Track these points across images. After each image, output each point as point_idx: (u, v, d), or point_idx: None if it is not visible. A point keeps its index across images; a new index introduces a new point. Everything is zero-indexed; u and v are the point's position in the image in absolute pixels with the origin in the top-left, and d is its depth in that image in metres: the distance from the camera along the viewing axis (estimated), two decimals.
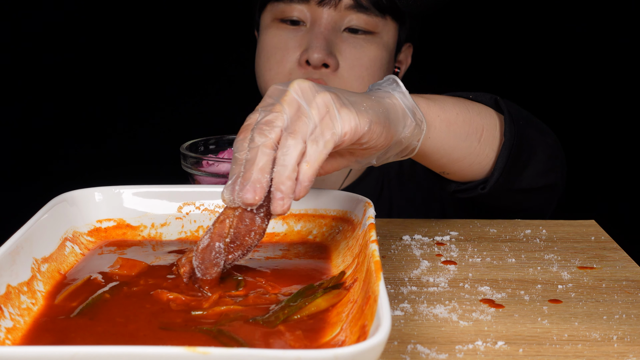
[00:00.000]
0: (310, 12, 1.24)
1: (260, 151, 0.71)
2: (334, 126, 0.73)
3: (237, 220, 0.73)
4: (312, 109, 0.73)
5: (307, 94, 0.74)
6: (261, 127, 0.72)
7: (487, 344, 0.71)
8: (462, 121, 0.96)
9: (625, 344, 0.71)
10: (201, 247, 0.73)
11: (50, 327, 0.65)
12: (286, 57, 1.25)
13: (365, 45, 1.24)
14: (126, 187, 0.89)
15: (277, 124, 0.72)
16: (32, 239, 0.73)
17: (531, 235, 1.01)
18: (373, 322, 0.58)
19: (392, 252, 0.95)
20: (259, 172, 0.71)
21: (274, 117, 0.73)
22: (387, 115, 0.80)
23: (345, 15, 1.24)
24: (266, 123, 0.72)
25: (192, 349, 0.51)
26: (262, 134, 0.72)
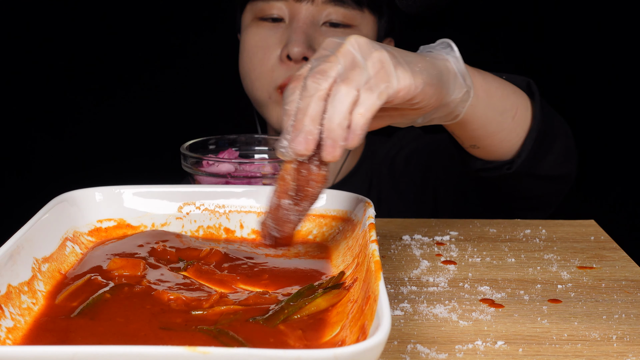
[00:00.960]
0: (289, 8, 1.25)
1: (313, 100, 0.70)
2: (390, 80, 0.73)
3: (295, 172, 0.73)
4: (367, 61, 0.72)
5: (363, 49, 0.73)
6: (315, 76, 0.71)
7: (487, 343, 0.71)
8: (500, 95, 0.97)
9: (625, 343, 0.71)
10: (272, 208, 0.74)
11: (51, 327, 0.65)
12: (268, 55, 1.27)
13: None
14: (126, 187, 0.89)
15: (331, 73, 0.71)
16: (32, 239, 0.73)
17: (531, 235, 1.01)
18: (373, 322, 0.58)
19: (392, 252, 0.95)
20: (310, 122, 0.70)
21: (328, 67, 0.71)
22: (440, 78, 0.81)
23: (323, 10, 1.25)
24: (320, 72, 0.71)
25: (192, 349, 0.51)
26: (315, 82, 0.70)
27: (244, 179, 0.95)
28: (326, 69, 0.71)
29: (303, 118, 0.70)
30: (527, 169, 1.03)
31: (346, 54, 0.72)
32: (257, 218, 0.89)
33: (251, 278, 0.76)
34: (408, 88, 0.75)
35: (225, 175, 0.95)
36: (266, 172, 0.95)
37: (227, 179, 0.95)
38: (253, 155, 1.06)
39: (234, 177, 0.95)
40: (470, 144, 1.02)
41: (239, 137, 1.06)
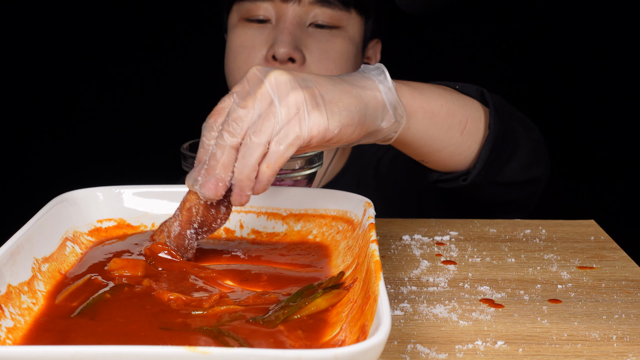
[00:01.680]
0: (275, 9, 1.25)
1: (226, 150, 0.74)
2: (301, 130, 0.75)
3: (202, 208, 0.78)
4: (282, 107, 0.75)
5: (281, 90, 0.75)
6: (230, 125, 0.75)
7: (487, 343, 0.71)
8: (445, 113, 0.96)
9: (625, 343, 0.71)
10: (174, 235, 0.78)
11: (51, 326, 0.65)
12: (253, 55, 1.26)
13: (331, 38, 1.25)
14: (126, 187, 0.89)
15: (245, 123, 0.75)
16: (32, 239, 0.73)
17: (531, 235, 1.01)
18: (373, 322, 0.58)
19: (392, 252, 0.95)
20: (222, 170, 0.75)
21: (244, 114, 0.75)
22: (364, 112, 0.81)
23: (309, 10, 1.25)
24: (236, 120, 0.75)
25: (192, 349, 0.51)
26: (230, 132, 0.74)
27: None
28: (242, 117, 0.75)
29: (215, 165, 0.75)
30: (486, 178, 1.03)
31: (264, 96, 0.75)
32: (257, 218, 0.89)
33: (251, 278, 0.76)
34: (323, 134, 0.76)
35: None
36: None
37: None
38: None
39: None
40: (418, 159, 1.02)
41: None
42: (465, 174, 1.02)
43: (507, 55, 2.34)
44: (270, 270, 0.79)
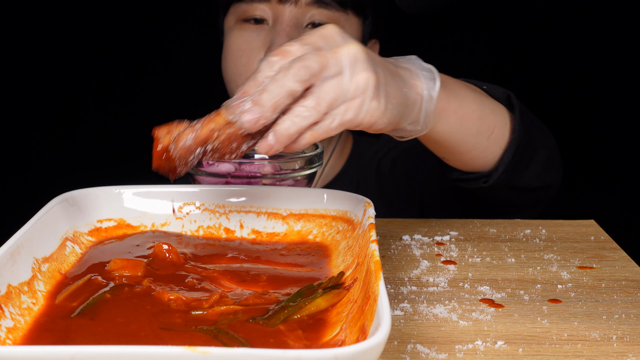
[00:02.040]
0: (272, 10, 1.25)
1: (284, 92, 0.70)
2: (357, 114, 0.73)
3: (225, 137, 0.72)
4: (351, 84, 0.72)
5: (356, 65, 0.73)
6: (299, 71, 0.70)
7: (487, 343, 0.71)
8: (476, 118, 0.96)
9: (625, 343, 0.71)
10: (182, 145, 0.72)
11: (51, 327, 0.65)
12: (251, 59, 1.26)
13: None
14: (126, 187, 0.89)
15: (314, 76, 0.71)
16: (32, 239, 0.73)
17: (531, 235, 1.01)
18: (373, 322, 0.58)
19: (392, 252, 0.95)
20: (271, 109, 0.70)
21: (314, 70, 0.71)
22: (404, 113, 0.81)
23: (306, 12, 1.24)
24: (307, 68, 0.71)
25: (192, 349, 0.51)
26: (297, 77, 0.70)
27: (244, 179, 0.95)
28: (311, 70, 0.71)
29: (267, 101, 0.70)
30: (504, 183, 1.03)
31: (338, 62, 0.72)
32: (257, 218, 0.89)
33: (250, 278, 0.76)
34: (369, 124, 0.76)
35: (225, 175, 0.95)
36: (266, 172, 0.95)
37: (227, 179, 0.95)
38: (253, 155, 1.06)
39: (234, 177, 0.95)
40: (440, 156, 1.02)
41: None
42: (486, 176, 1.03)
43: (506, 55, 2.34)
44: (270, 270, 0.79)
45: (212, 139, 0.72)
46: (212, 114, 0.73)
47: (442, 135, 0.94)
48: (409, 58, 0.87)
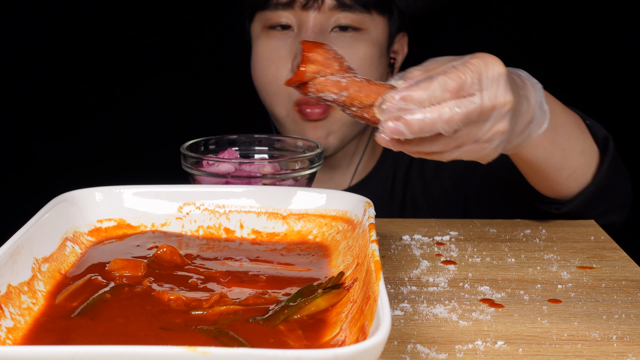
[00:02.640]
0: (296, 17, 1.25)
1: (435, 128, 0.73)
2: (491, 153, 0.79)
3: (359, 112, 0.76)
4: (490, 142, 0.78)
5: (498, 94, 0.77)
6: (458, 116, 0.74)
7: (487, 343, 0.71)
8: (563, 157, 0.99)
9: (625, 343, 0.71)
10: (325, 87, 0.76)
11: (51, 327, 0.65)
12: (280, 68, 1.27)
13: (354, 44, 1.25)
14: (126, 187, 0.89)
15: (467, 120, 0.75)
16: (32, 239, 0.73)
17: (531, 235, 1.01)
18: (373, 322, 0.58)
19: (392, 252, 0.95)
20: (416, 133, 0.74)
21: (474, 117, 0.75)
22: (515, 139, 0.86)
23: (330, 16, 1.24)
24: (465, 116, 0.74)
25: (192, 349, 0.51)
26: (452, 124, 0.74)
27: (244, 179, 0.95)
28: (469, 117, 0.75)
29: (417, 128, 0.73)
30: (575, 214, 1.06)
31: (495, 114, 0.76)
32: (257, 218, 0.89)
33: (250, 278, 0.76)
34: (494, 156, 0.81)
35: (225, 175, 0.95)
36: (266, 172, 0.95)
37: (227, 179, 0.95)
38: (253, 155, 1.06)
39: (234, 177, 0.95)
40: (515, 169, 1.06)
41: (239, 137, 1.06)
42: (559, 204, 1.06)
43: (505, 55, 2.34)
44: (270, 271, 0.79)
45: (349, 107, 0.76)
46: (363, 84, 0.76)
47: (526, 159, 0.97)
48: (522, 76, 0.89)
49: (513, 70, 0.88)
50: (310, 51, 0.77)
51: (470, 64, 0.76)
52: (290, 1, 1.24)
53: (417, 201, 1.37)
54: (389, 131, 0.74)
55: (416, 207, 1.37)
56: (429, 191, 1.37)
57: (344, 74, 0.77)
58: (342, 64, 0.78)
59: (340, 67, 0.78)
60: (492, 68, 0.76)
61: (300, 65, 0.77)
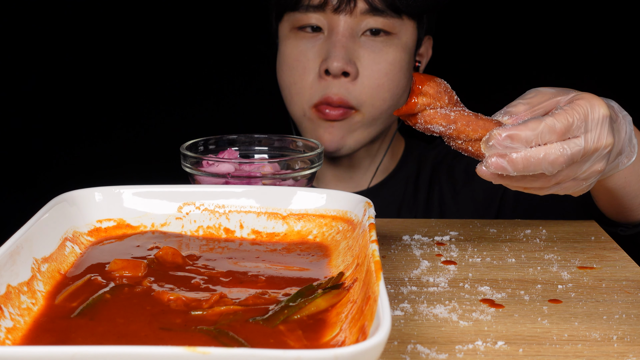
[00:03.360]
0: (327, 20, 1.25)
1: (538, 170, 0.77)
2: (585, 189, 0.84)
3: (464, 145, 0.80)
4: (595, 154, 0.80)
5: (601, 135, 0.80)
6: (563, 158, 0.78)
7: (487, 344, 0.71)
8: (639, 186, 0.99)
9: (625, 343, 0.71)
10: (435, 120, 0.80)
11: (51, 327, 0.65)
12: (307, 70, 1.26)
13: (384, 48, 1.25)
14: (126, 187, 0.89)
15: (574, 158, 0.79)
16: (32, 239, 0.73)
17: (531, 235, 1.01)
18: (373, 322, 0.58)
19: (392, 252, 0.95)
20: (518, 171, 0.77)
21: (574, 156, 0.78)
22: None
23: (361, 20, 1.24)
24: (569, 159, 0.78)
25: (192, 349, 0.51)
26: (555, 165, 0.78)
27: (244, 179, 0.95)
28: (572, 159, 0.78)
29: (520, 167, 0.77)
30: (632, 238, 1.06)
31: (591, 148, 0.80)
32: (257, 218, 0.89)
33: (250, 278, 0.76)
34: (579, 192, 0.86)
35: (225, 175, 0.95)
36: (266, 172, 0.95)
37: (227, 179, 0.95)
38: (253, 155, 1.06)
39: (233, 177, 0.95)
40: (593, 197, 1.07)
41: (238, 137, 1.06)
42: (625, 227, 1.06)
43: (504, 55, 2.33)
44: (270, 271, 0.79)
45: (455, 137, 0.80)
46: (471, 118, 0.80)
47: (603, 186, 0.98)
48: (615, 108, 0.90)
49: (606, 102, 0.89)
50: (423, 84, 0.81)
51: (577, 105, 0.79)
52: (322, 4, 1.23)
53: (447, 204, 1.37)
54: (494, 167, 0.77)
55: (445, 210, 1.37)
56: (460, 195, 1.37)
57: (453, 107, 0.80)
58: (452, 97, 0.81)
59: (449, 100, 0.81)
60: (597, 110, 0.79)
61: (411, 97, 0.80)
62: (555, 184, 0.81)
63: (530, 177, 0.80)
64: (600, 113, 0.79)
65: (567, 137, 0.78)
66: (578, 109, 0.78)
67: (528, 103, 0.82)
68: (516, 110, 0.81)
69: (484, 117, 0.80)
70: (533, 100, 0.83)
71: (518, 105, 0.82)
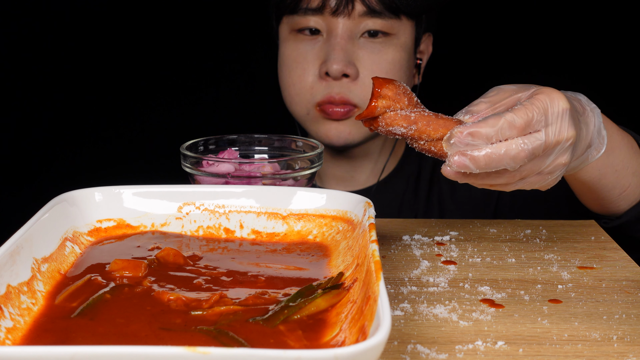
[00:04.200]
0: (326, 22, 1.25)
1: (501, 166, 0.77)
2: (552, 183, 0.83)
3: (426, 145, 0.80)
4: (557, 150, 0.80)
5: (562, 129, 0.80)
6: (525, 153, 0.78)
7: (487, 344, 0.71)
8: (615, 177, 1.00)
9: (625, 344, 0.71)
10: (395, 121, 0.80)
11: (51, 327, 0.65)
12: (307, 71, 1.27)
13: (383, 49, 1.26)
14: (126, 187, 0.89)
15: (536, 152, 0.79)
16: (32, 239, 0.73)
17: (531, 235, 1.01)
18: (373, 322, 0.58)
19: (392, 252, 0.95)
20: (481, 168, 0.77)
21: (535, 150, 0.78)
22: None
23: (360, 22, 1.25)
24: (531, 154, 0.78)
25: (192, 349, 0.51)
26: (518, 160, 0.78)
27: (244, 179, 0.95)
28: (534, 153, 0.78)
29: (483, 164, 0.77)
30: (624, 230, 1.06)
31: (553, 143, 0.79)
32: (257, 218, 0.89)
33: (250, 278, 0.76)
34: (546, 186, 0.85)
35: (225, 175, 0.95)
36: (266, 172, 0.95)
37: (227, 179, 0.95)
38: (253, 155, 1.06)
39: (233, 177, 0.95)
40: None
41: (238, 137, 1.06)
42: (607, 219, 1.07)
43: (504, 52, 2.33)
44: (270, 271, 0.79)
45: (417, 140, 0.80)
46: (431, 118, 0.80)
47: (578, 180, 0.98)
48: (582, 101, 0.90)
49: (573, 95, 0.89)
50: (382, 87, 0.81)
51: (536, 99, 0.79)
52: (320, 7, 1.24)
53: (445, 203, 1.38)
54: (456, 165, 0.77)
55: (443, 209, 1.37)
56: (458, 194, 1.37)
57: (413, 109, 0.80)
58: (412, 99, 0.82)
59: (409, 102, 0.82)
60: (556, 104, 0.79)
61: (371, 101, 0.81)
62: (520, 179, 0.81)
63: (494, 173, 0.80)
64: (560, 106, 0.79)
65: (528, 132, 0.78)
66: (537, 103, 0.78)
67: (489, 101, 0.82)
68: (477, 109, 0.81)
69: (444, 117, 0.81)
70: (494, 98, 0.83)
71: (479, 104, 0.82)
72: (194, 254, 0.82)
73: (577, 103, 0.88)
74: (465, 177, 0.80)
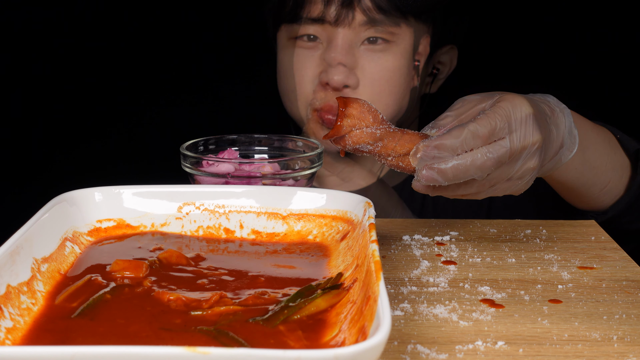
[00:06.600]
0: (326, 32, 1.25)
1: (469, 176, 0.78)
2: (523, 187, 0.84)
3: (394, 160, 0.82)
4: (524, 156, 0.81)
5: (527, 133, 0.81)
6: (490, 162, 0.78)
7: (487, 344, 0.71)
8: (594, 175, 1.00)
9: (626, 344, 0.71)
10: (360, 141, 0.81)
11: (51, 327, 0.65)
12: (306, 79, 1.27)
13: (383, 57, 1.26)
14: (126, 187, 0.89)
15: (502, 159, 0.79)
16: (32, 239, 0.73)
17: (531, 235, 1.01)
18: (373, 322, 0.58)
19: (392, 252, 0.95)
20: (450, 181, 0.78)
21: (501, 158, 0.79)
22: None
23: (360, 32, 1.25)
24: (497, 162, 0.79)
25: (192, 349, 0.51)
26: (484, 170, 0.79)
27: (244, 179, 0.95)
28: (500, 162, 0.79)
29: (451, 176, 0.78)
30: (612, 225, 1.07)
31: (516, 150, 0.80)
32: (257, 218, 0.89)
33: (250, 278, 0.76)
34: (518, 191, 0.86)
35: (225, 175, 0.95)
36: (266, 172, 0.95)
37: (227, 179, 0.95)
38: (253, 155, 1.06)
39: (233, 177, 0.95)
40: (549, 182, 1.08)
41: (238, 137, 1.06)
42: (595, 215, 1.08)
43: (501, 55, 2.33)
44: (270, 271, 0.79)
45: (385, 157, 0.82)
46: (397, 134, 0.81)
47: (556, 180, 0.99)
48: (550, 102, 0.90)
49: (541, 98, 0.89)
50: (346, 106, 0.83)
51: (498, 107, 0.79)
52: (321, 17, 1.24)
53: (440, 202, 1.38)
54: (424, 179, 0.78)
55: (438, 208, 1.38)
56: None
57: (379, 126, 0.81)
58: (377, 116, 0.83)
59: (374, 119, 0.83)
60: (519, 109, 0.79)
61: (337, 121, 0.82)
62: (490, 187, 0.82)
63: (463, 184, 0.81)
64: (523, 112, 0.79)
65: (493, 140, 0.78)
66: (500, 111, 0.79)
67: (454, 114, 0.83)
68: (444, 122, 0.83)
69: (410, 132, 0.82)
70: (459, 110, 0.84)
71: (446, 118, 0.83)
72: (197, 255, 0.82)
73: (544, 105, 0.88)
74: (436, 190, 0.81)
